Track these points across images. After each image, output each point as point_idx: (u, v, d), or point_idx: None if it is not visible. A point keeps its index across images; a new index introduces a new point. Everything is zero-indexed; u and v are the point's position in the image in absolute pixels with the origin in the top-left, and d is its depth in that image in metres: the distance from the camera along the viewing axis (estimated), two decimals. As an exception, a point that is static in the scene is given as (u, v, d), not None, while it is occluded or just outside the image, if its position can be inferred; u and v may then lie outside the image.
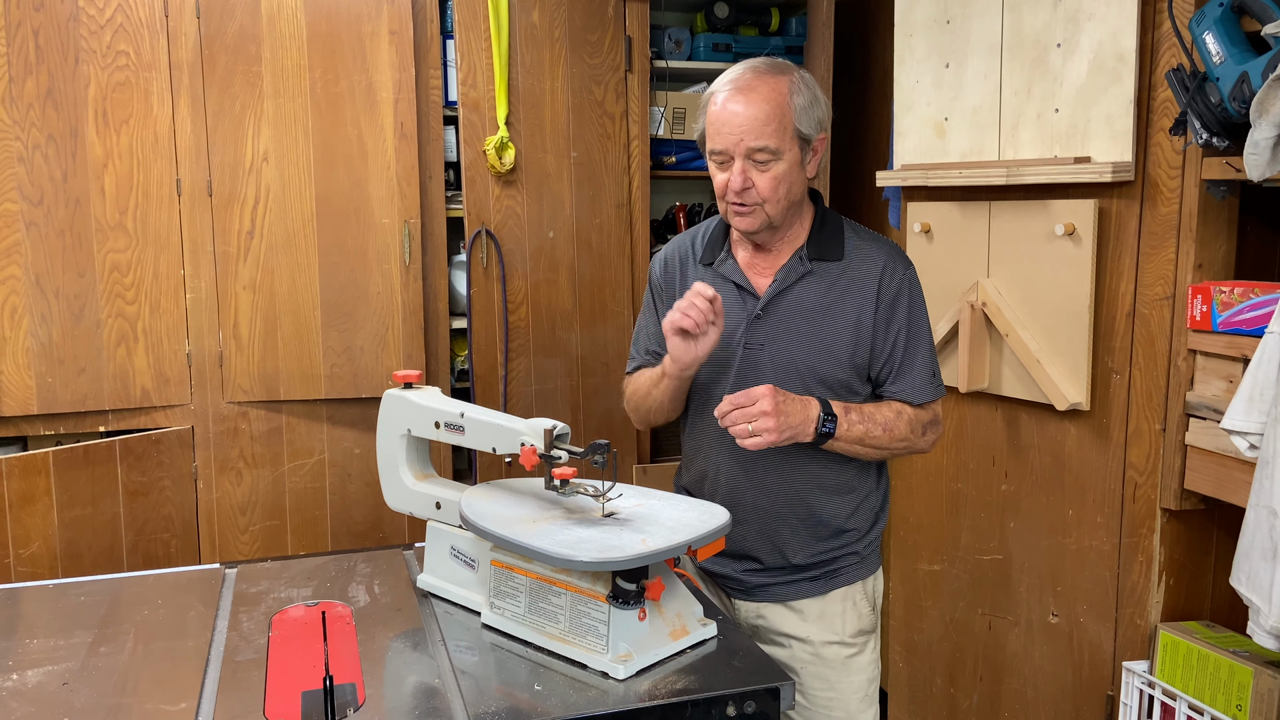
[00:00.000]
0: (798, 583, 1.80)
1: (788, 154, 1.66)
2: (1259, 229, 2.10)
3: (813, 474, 1.76)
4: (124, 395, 2.76)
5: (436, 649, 1.53)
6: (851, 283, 1.74)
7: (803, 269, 1.74)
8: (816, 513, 1.78)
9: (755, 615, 1.83)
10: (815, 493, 1.77)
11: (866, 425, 1.69)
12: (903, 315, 1.75)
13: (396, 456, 1.78)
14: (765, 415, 1.58)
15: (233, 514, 2.88)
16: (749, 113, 1.64)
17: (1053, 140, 2.27)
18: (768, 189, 1.67)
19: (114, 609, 1.69)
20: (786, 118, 1.65)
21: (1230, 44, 1.86)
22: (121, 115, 2.69)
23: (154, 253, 2.75)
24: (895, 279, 1.75)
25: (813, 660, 1.79)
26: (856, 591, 1.82)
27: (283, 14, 2.78)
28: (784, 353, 1.73)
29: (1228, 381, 1.97)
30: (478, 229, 3.03)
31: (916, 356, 1.75)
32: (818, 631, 1.79)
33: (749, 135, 1.64)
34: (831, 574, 1.80)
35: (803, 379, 1.72)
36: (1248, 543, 1.80)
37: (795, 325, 1.73)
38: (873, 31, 3.36)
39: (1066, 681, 2.37)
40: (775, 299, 1.75)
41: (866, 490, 1.82)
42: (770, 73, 1.67)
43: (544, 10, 3.05)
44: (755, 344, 1.75)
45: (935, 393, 1.78)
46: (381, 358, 2.93)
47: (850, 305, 1.73)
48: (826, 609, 1.80)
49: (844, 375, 1.73)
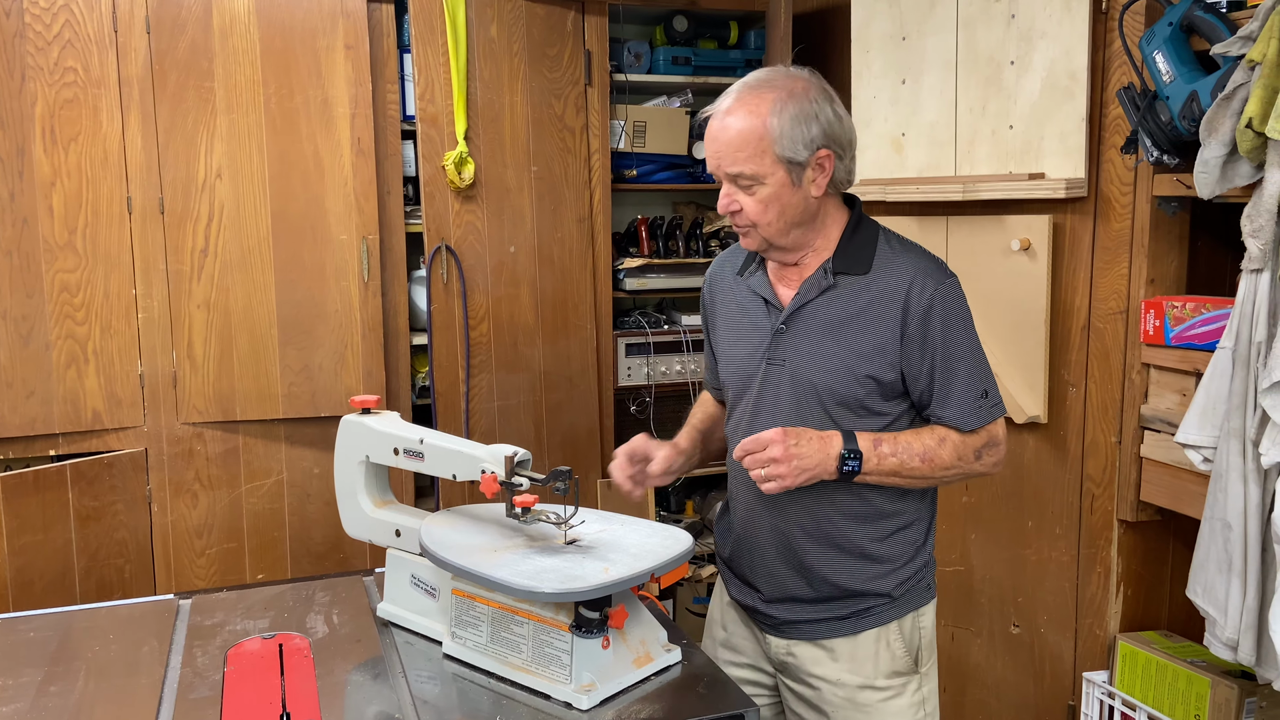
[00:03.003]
0: (828, 621, 1.70)
1: (770, 178, 1.57)
2: (1209, 244, 2.14)
3: (836, 501, 1.66)
4: (75, 418, 2.70)
5: (397, 680, 1.50)
6: (876, 298, 1.61)
7: (825, 283, 1.64)
8: (841, 541, 1.67)
9: (786, 652, 1.74)
10: (839, 519, 1.66)
11: (901, 457, 1.58)
12: (937, 334, 1.60)
13: (355, 483, 1.75)
14: (775, 461, 1.51)
15: (189, 537, 2.82)
16: (725, 136, 1.57)
17: (1007, 156, 2.29)
18: (755, 212, 1.60)
19: (64, 645, 1.65)
20: (764, 142, 1.55)
21: (1180, 63, 1.89)
22: (70, 132, 2.63)
23: (104, 272, 2.69)
24: (925, 294, 1.60)
25: (844, 704, 1.69)
26: (891, 632, 1.70)
27: (235, 29, 2.74)
28: (802, 370, 1.64)
29: (1181, 395, 2.00)
30: (438, 244, 3.01)
31: (955, 378, 1.61)
32: (849, 673, 1.69)
33: (725, 161, 1.58)
34: (863, 612, 1.69)
35: (819, 398, 1.63)
36: (1203, 555, 1.83)
37: (815, 341, 1.64)
38: (831, 46, 3.38)
39: (1028, 692, 2.40)
40: (796, 313, 1.66)
41: (906, 519, 1.69)
42: (756, 91, 1.58)
43: (502, 24, 3.03)
44: (776, 359, 1.67)
45: (985, 416, 1.63)
46: (341, 375, 2.89)
47: (874, 322, 1.61)
48: (858, 650, 1.69)
49: (862, 395, 1.62)
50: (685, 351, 3.35)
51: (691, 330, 3.36)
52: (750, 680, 1.80)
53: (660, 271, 3.33)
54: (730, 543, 1.81)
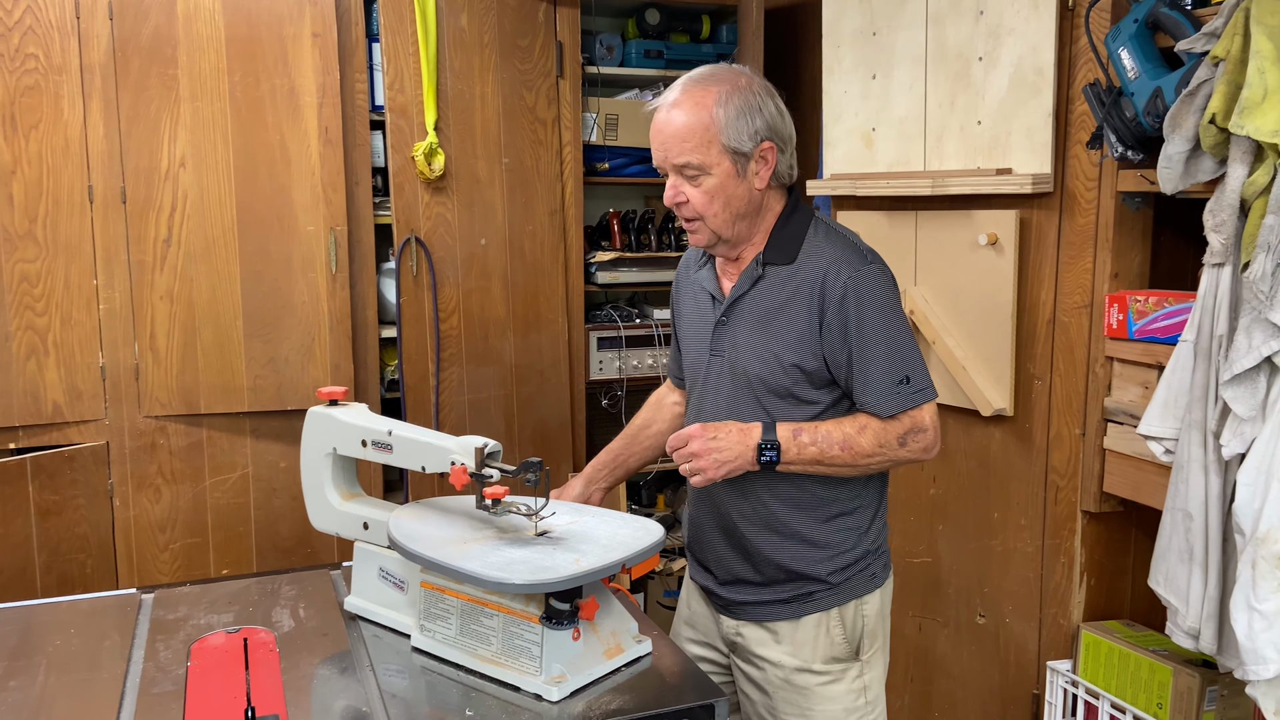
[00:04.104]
0: (772, 604, 1.74)
1: (716, 168, 1.62)
2: (1172, 239, 2.17)
3: (774, 488, 1.70)
4: (34, 411, 2.65)
5: (364, 674, 1.49)
6: (798, 286, 1.66)
7: (756, 274, 1.69)
8: (779, 527, 1.72)
9: (734, 632, 1.79)
10: (775, 506, 1.71)
11: (821, 445, 1.61)
12: (852, 320, 1.62)
13: (322, 476, 1.73)
14: (695, 456, 1.58)
15: (151, 532, 2.78)
16: (671, 128, 1.62)
17: (976, 152, 2.31)
18: (701, 203, 1.64)
19: (25, 639, 1.62)
20: (710, 132, 1.60)
21: (1145, 60, 1.91)
22: (30, 120, 2.58)
23: (65, 262, 2.65)
24: (840, 280, 1.62)
25: (783, 685, 1.74)
26: (832, 618, 1.73)
27: (199, 15, 2.70)
28: (739, 361, 1.69)
29: (1143, 388, 2.03)
30: (407, 236, 2.98)
31: (872, 364, 1.63)
32: (788, 655, 1.74)
33: (672, 151, 1.62)
34: (804, 597, 1.73)
35: (752, 387, 1.68)
36: (1164, 545, 1.86)
37: (748, 332, 1.69)
38: (802, 41, 3.39)
39: (994, 681, 2.42)
40: (733, 305, 1.71)
41: (845, 506, 1.73)
42: (700, 84, 1.63)
43: (473, 14, 3.01)
44: (717, 350, 1.73)
45: (904, 402, 1.64)
46: (308, 368, 2.86)
47: (795, 310, 1.65)
48: (798, 634, 1.73)
49: (789, 383, 1.66)
50: (657, 345, 3.35)
51: (663, 324, 3.36)
52: (707, 659, 1.87)
53: (632, 265, 3.33)
54: (688, 527, 1.90)
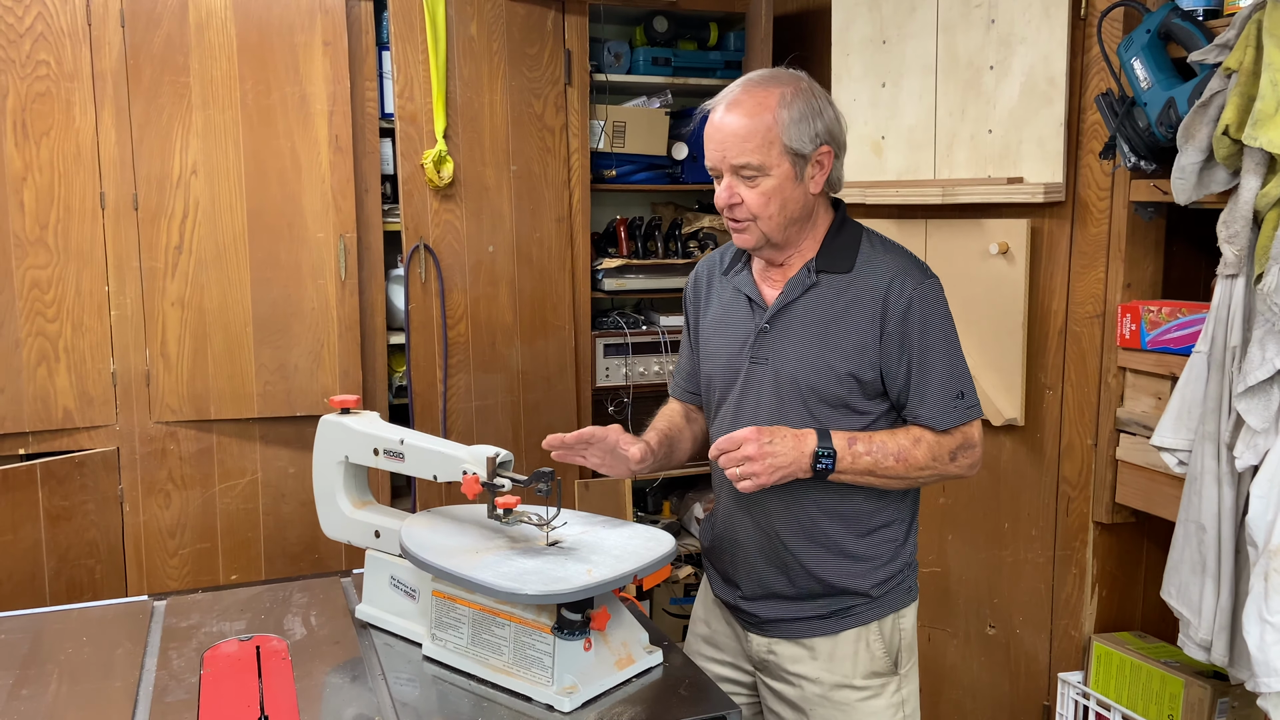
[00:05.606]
0: (808, 620, 1.71)
1: (775, 170, 1.59)
2: (1185, 250, 2.17)
3: (818, 499, 1.67)
4: (45, 416, 2.66)
5: (376, 682, 1.49)
6: (857, 297, 1.64)
7: (809, 281, 1.66)
8: (821, 538, 1.68)
9: (766, 650, 1.74)
10: (819, 517, 1.67)
11: (876, 456, 1.59)
12: (914, 333, 1.62)
13: (333, 484, 1.73)
14: (749, 460, 1.53)
15: (161, 537, 2.78)
16: (732, 128, 1.59)
17: (986, 161, 2.31)
18: (757, 205, 1.61)
19: (36, 647, 1.62)
20: (772, 133, 1.58)
21: (1158, 70, 1.91)
22: (42, 127, 2.59)
23: (76, 269, 2.65)
24: (904, 293, 1.62)
25: (822, 702, 1.70)
26: (871, 632, 1.70)
27: (211, 23, 2.71)
28: (785, 368, 1.66)
29: (1156, 398, 2.02)
30: (416, 243, 2.99)
31: (931, 377, 1.62)
32: (827, 672, 1.70)
33: (731, 151, 1.60)
34: (843, 612, 1.70)
35: (802, 396, 1.65)
36: (1177, 557, 1.85)
37: (798, 340, 1.66)
38: (811, 49, 3.39)
39: (1004, 692, 2.41)
40: (780, 312, 1.67)
41: (886, 518, 1.70)
42: (762, 85, 1.61)
43: (482, 23, 3.02)
44: (760, 358, 1.69)
45: (960, 417, 1.64)
46: (317, 375, 2.87)
47: (854, 320, 1.63)
48: (837, 649, 1.70)
49: (844, 393, 1.64)
50: (663, 352, 3.35)
51: (670, 331, 3.36)
52: (729, 678, 1.81)
53: (639, 272, 3.32)
54: (713, 539, 1.83)
